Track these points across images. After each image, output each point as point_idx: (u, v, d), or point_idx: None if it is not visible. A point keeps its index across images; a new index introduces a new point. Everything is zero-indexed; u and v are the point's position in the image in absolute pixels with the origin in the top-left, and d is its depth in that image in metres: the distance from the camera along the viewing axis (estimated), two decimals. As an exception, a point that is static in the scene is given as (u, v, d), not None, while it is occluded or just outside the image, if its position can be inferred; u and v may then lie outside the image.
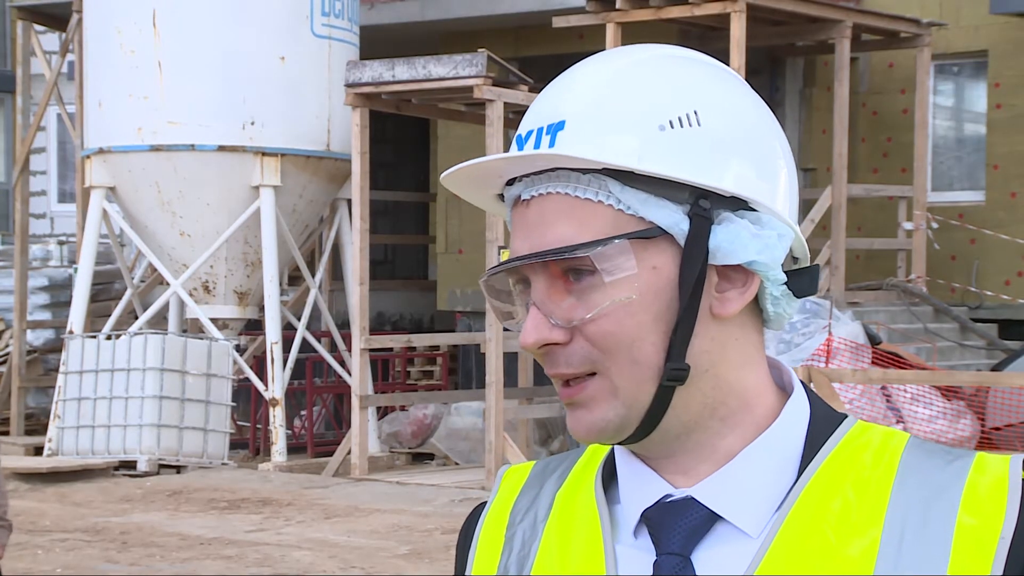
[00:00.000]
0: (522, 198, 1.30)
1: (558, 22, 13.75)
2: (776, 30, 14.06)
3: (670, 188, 1.26)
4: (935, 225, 14.15)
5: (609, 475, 1.36)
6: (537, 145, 1.29)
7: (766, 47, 14.78)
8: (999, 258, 14.65)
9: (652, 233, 1.25)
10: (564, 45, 15.83)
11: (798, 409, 1.32)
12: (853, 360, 11.59)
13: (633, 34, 13.20)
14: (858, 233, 14.86)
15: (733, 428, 1.30)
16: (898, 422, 11.55)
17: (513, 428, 13.35)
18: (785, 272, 1.30)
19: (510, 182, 1.32)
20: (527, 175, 1.30)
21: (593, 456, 1.38)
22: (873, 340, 12.10)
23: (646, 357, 1.26)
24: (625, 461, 1.33)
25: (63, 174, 21.09)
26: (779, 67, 15.91)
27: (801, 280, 1.31)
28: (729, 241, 1.26)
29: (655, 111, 1.26)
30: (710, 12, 12.74)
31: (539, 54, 16.31)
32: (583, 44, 15.47)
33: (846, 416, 1.34)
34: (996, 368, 12.38)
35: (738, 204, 1.27)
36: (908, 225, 14.24)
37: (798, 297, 1.31)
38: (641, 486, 1.31)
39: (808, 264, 1.34)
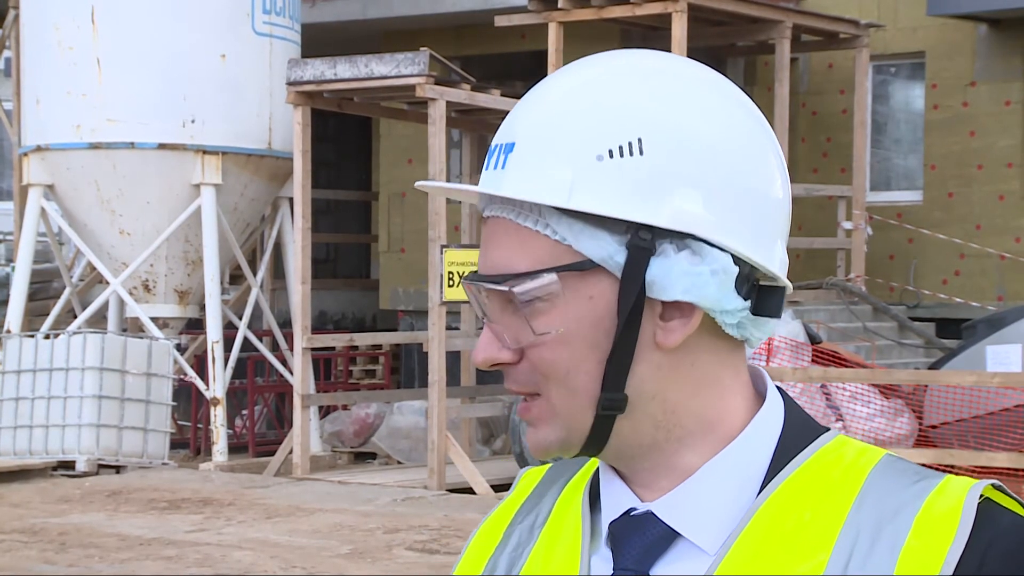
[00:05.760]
0: (485, 214, 1.31)
1: (500, 21, 13.76)
2: (717, 30, 14.14)
3: (608, 219, 1.24)
4: (870, 232, 14.27)
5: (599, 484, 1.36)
6: (497, 163, 1.28)
7: (707, 47, 14.86)
8: (936, 257, 14.81)
9: (584, 266, 1.24)
10: (506, 44, 15.84)
11: (768, 423, 1.29)
12: (793, 359, 11.67)
13: (575, 33, 13.24)
14: (798, 232, 14.97)
15: (692, 447, 1.28)
16: (837, 420, 11.65)
17: (455, 427, 13.34)
18: (747, 295, 1.26)
19: None
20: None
21: (593, 463, 1.38)
22: (813, 339, 12.19)
23: (582, 386, 1.25)
24: (603, 472, 1.33)
25: (0, 171, 20.86)
26: (720, 67, 16.00)
27: (765, 302, 1.27)
28: (662, 276, 1.23)
29: (595, 139, 1.24)
30: (651, 12, 12.80)
31: (481, 53, 16.31)
32: (525, 43, 15.50)
33: (827, 429, 1.31)
34: (934, 366, 12.51)
35: (685, 234, 1.24)
36: (847, 224, 14.37)
37: (763, 316, 1.27)
38: (613, 498, 1.31)
39: (779, 283, 1.29)
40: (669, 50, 12.47)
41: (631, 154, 1.24)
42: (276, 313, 15.50)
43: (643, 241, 1.23)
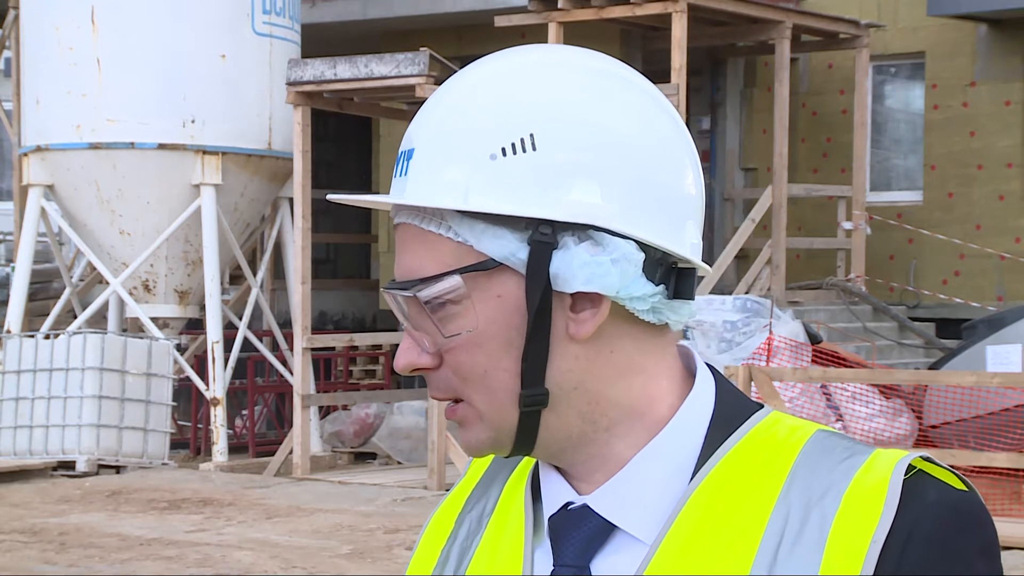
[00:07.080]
0: (395, 222, 1.31)
1: (500, 21, 13.76)
2: (717, 30, 14.15)
3: (508, 217, 1.23)
4: (868, 231, 14.28)
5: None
6: (401, 170, 1.29)
7: (707, 47, 14.87)
8: (936, 258, 14.82)
9: (487, 266, 1.24)
10: (506, 44, 15.75)
11: (698, 405, 1.28)
12: (793, 359, 11.68)
13: (575, 33, 13.23)
14: (798, 232, 14.98)
15: (622, 436, 1.27)
16: (837, 420, 11.65)
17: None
18: (662, 280, 1.26)
19: None
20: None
21: None
22: (813, 339, 12.19)
23: (501, 384, 1.25)
24: (541, 465, 1.33)
25: (0, 171, 20.87)
26: (720, 67, 16.01)
27: (682, 285, 1.27)
28: (564, 268, 1.23)
29: (488, 138, 1.24)
30: (651, 12, 12.80)
31: (481, 53, 16.19)
32: (525, 43, 15.49)
33: (760, 407, 1.30)
34: (934, 367, 12.52)
35: (587, 226, 1.23)
36: (847, 225, 14.38)
37: (679, 300, 1.27)
38: (551, 490, 1.31)
39: (696, 264, 1.28)
40: (669, 50, 12.52)
41: (524, 151, 1.23)
42: (276, 313, 15.50)
43: (544, 236, 1.23)
